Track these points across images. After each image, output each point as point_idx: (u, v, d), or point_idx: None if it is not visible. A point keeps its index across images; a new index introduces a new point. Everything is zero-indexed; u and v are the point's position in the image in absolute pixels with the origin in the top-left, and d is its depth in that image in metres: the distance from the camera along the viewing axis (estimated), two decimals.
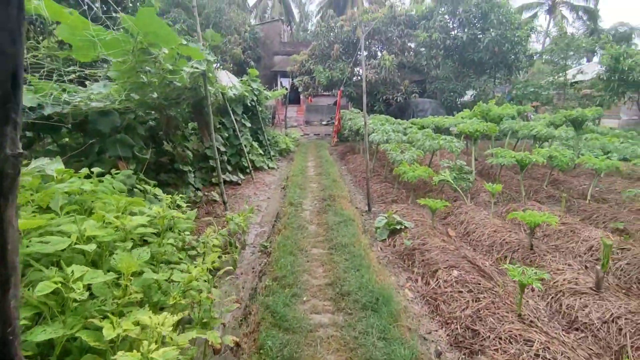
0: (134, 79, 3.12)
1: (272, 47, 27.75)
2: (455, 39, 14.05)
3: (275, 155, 11.00)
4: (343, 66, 14.48)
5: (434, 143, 6.41)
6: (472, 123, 7.89)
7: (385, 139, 7.13)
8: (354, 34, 14.63)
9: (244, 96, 8.66)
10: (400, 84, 14.88)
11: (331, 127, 24.54)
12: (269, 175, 8.71)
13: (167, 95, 4.53)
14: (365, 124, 5.90)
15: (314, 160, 10.08)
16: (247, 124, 8.80)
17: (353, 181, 8.40)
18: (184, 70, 3.78)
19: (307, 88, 16.06)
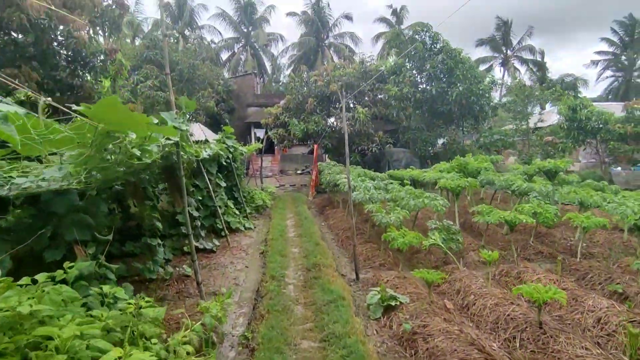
0: (96, 163, 2.72)
1: (245, 99, 28.16)
2: (424, 92, 14.66)
3: (252, 212, 10.53)
4: (318, 119, 14.63)
5: (419, 202, 6.22)
6: (453, 178, 7.88)
7: (368, 197, 6.90)
8: (327, 88, 14.98)
9: (219, 155, 8.33)
10: (374, 135, 15.13)
11: (306, 176, 24.46)
12: (246, 237, 8.19)
13: (135, 168, 4.11)
14: (350, 188, 5.64)
15: (293, 217, 9.68)
16: (222, 183, 8.40)
17: (335, 240, 8.02)
18: (156, 146, 3.43)
19: (282, 140, 16.02)
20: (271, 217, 9.98)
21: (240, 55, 36.84)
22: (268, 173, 24.81)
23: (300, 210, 10.42)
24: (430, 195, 6.58)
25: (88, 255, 3.77)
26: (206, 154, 7.20)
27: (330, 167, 12.79)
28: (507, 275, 5.31)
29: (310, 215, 9.72)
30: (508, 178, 7.62)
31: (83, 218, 3.78)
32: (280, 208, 10.93)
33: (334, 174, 9.96)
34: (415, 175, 9.67)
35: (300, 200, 12.48)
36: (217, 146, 8.42)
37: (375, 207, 6.22)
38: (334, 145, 15.75)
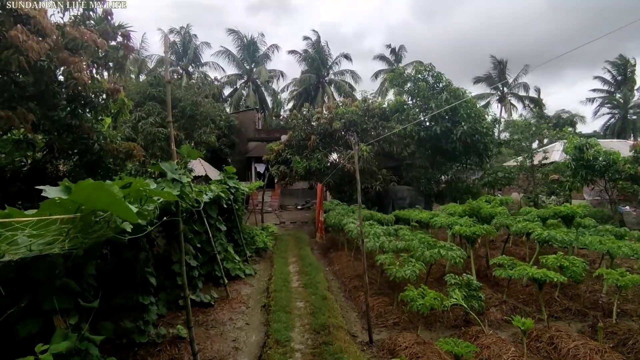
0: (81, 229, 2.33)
1: (246, 133, 28.23)
2: (427, 131, 14.55)
3: (252, 255, 10.01)
4: (321, 156, 14.40)
5: (434, 253, 5.78)
6: (467, 223, 7.47)
7: (379, 246, 6.45)
8: (330, 125, 14.87)
9: (220, 197, 7.96)
10: (378, 172, 14.86)
11: (307, 212, 24.00)
12: (246, 285, 7.63)
13: None
14: (363, 242, 5.22)
15: (296, 262, 9.15)
16: (222, 227, 7.96)
17: (342, 289, 7.47)
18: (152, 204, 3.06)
19: (283, 177, 15.72)
20: (273, 262, 9.44)
21: (243, 90, 37.45)
22: (268, 208, 24.34)
23: (304, 253, 9.89)
24: (446, 245, 6.14)
25: (69, 326, 3.28)
26: (207, 197, 6.82)
27: (334, 207, 12.39)
28: (537, 339, 4.78)
29: (314, 260, 9.19)
30: (526, 225, 7.21)
31: (66, 283, 3.33)
32: (282, 251, 10.40)
33: (339, 217, 9.54)
34: (425, 219, 9.23)
35: (302, 242, 11.96)
36: (218, 188, 8.07)
37: (387, 258, 5.77)
38: (336, 183, 15.43)
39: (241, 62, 36.99)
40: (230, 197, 8.91)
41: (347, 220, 8.27)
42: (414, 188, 15.73)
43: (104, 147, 8.06)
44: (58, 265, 3.31)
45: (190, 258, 6.28)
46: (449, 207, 9.90)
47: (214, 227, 7.81)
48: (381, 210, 15.18)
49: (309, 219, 18.67)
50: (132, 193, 2.39)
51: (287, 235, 13.61)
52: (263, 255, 10.45)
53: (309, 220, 18.17)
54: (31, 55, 5.05)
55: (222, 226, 7.92)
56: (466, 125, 13.69)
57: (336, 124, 14.56)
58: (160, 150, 14.50)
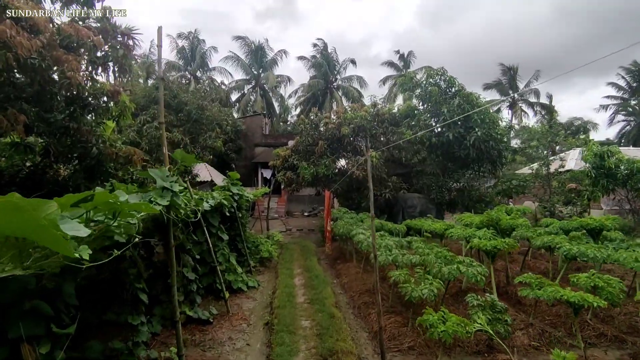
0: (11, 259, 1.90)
1: (253, 138, 27.97)
2: (439, 137, 14.04)
3: (256, 265, 9.56)
4: (328, 162, 13.96)
5: (453, 269, 5.26)
6: (485, 235, 6.93)
7: (391, 260, 5.95)
8: (338, 130, 14.44)
9: (222, 205, 7.54)
10: (387, 179, 14.36)
11: (314, 218, 23.52)
12: (249, 299, 7.17)
13: None
14: (375, 257, 4.74)
15: (302, 274, 8.67)
16: (224, 236, 7.53)
17: (350, 305, 6.96)
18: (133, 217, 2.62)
19: (290, 183, 15.29)
20: (277, 273, 8.97)
21: (250, 95, 37.29)
22: (274, 215, 23.96)
23: (310, 264, 9.41)
24: (465, 260, 5.62)
25: (39, 356, 2.85)
26: (208, 205, 6.41)
27: (342, 215, 11.91)
28: None
29: (321, 272, 8.70)
30: (552, 239, 6.65)
31: (38, 306, 2.90)
32: (287, 261, 9.93)
33: (348, 226, 9.05)
34: (439, 230, 8.69)
35: (309, 251, 11.48)
36: (221, 195, 7.66)
37: (401, 275, 5.26)
38: (344, 190, 14.96)
39: (249, 68, 36.89)
40: (234, 204, 8.50)
41: (356, 231, 7.78)
42: (424, 196, 15.19)
43: (102, 151, 7.70)
44: (29, 284, 2.90)
45: (188, 271, 5.85)
46: (464, 217, 9.35)
47: (215, 237, 7.39)
48: (390, 218, 14.67)
49: (316, 227, 18.19)
50: (101, 207, 1.96)
51: (293, 244, 13.14)
52: (268, 265, 9.99)
53: (316, 228, 17.70)
54: (20, 52, 4.71)
55: (224, 235, 7.49)
56: (480, 130, 13.16)
57: (345, 129, 14.12)
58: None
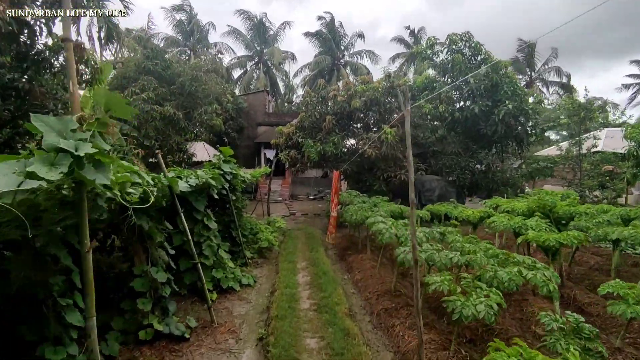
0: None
1: (255, 117, 26.39)
2: (463, 111, 12.37)
3: (253, 256, 8.20)
4: (337, 140, 12.41)
5: (514, 274, 3.81)
6: (539, 225, 5.44)
7: (425, 259, 4.50)
8: (348, 104, 12.83)
9: (210, 186, 6.11)
10: (403, 159, 12.80)
11: (319, 202, 22.10)
12: (241, 301, 5.81)
13: None
14: (416, 262, 3.31)
15: (307, 269, 7.29)
16: (212, 224, 6.12)
17: (368, 312, 5.58)
18: None
19: (294, 163, 13.81)
20: (278, 266, 7.62)
21: (253, 73, 35.45)
22: (278, 197, 22.60)
23: (316, 257, 8.03)
24: (528, 262, 4.16)
25: None
26: (186, 185, 4.97)
27: (353, 199, 10.46)
28: None
29: (329, 267, 7.32)
30: (622, 232, 5.15)
31: None
32: (290, 252, 8.56)
33: (362, 212, 7.60)
34: (472, 217, 7.20)
35: (314, 239, 10.10)
36: (208, 173, 6.22)
37: (444, 282, 3.83)
38: (354, 171, 13.45)
39: (251, 43, 34.91)
40: (225, 185, 7.07)
41: (374, 218, 6.32)
42: (443, 178, 13.65)
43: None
44: None
45: (158, 271, 4.46)
46: (501, 203, 7.84)
47: (200, 225, 6.00)
48: (405, 203, 13.19)
49: (322, 211, 16.82)
50: None
51: (297, 231, 11.77)
52: (267, 255, 8.64)
53: (322, 212, 16.33)
54: None
55: (211, 223, 6.08)
56: (511, 104, 11.48)
57: (356, 103, 12.51)
58: (154, 131, 12.74)
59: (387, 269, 7.44)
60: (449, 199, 12.87)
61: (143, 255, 4.63)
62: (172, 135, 13.58)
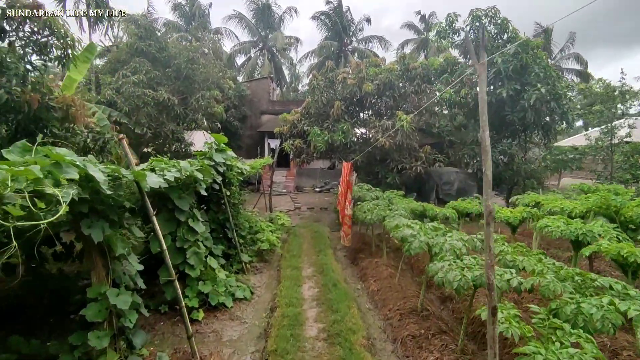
0: None
1: (259, 105, 25.22)
2: (488, 96, 11.07)
3: (252, 260, 7.14)
4: (346, 127, 11.24)
5: (610, 312, 2.68)
6: (607, 232, 4.28)
7: (471, 280, 3.38)
8: (359, 88, 11.61)
9: (196, 180, 5.01)
10: (418, 150, 11.63)
11: (326, 195, 20.95)
12: (233, 321, 4.76)
13: None
14: (492, 288, 2.18)
15: (314, 277, 6.21)
16: (199, 227, 5.03)
17: (389, 336, 4.49)
18: None
19: (299, 154, 12.68)
20: (280, 273, 6.56)
21: (257, 60, 34.13)
22: (282, 190, 21.56)
23: (324, 261, 6.96)
24: (617, 288, 3.03)
25: None
26: (158, 180, 3.87)
27: (365, 193, 9.33)
28: None
29: (339, 275, 6.25)
30: None
31: None
32: (295, 255, 7.49)
33: (379, 211, 6.48)
34: (512, 219, 5.99)
35: (322, 239, 9.03)
36: (194, 164, 5.12)
37: (510, 319, 2.71)
38: (364, 162, 12.29)
39: (255, 28, 33.49)
40: (218, 178, 5.98)
41: (396, 220, 5.18)
42: (462, 170, 12.45)
43: (15, 98, 5.17)
44: None
45: (120, 293, 3.40)
46: (546, 200, 6.64)
47: (184, 228, 4.92)
48: (421, 197, 12.07)
49: (329, 205, 15.73)
50: None
51: (302, 228, 10.70)
52: (269, 258, 7.58)
53: (329, 206, 15.24)
54: None
55: (197, 225, 5.00)
56: (543, 87, 10.17)
57: (368, 86, 11.29)
58: (147, 118, 11.65)
59: (408, 276, 6.35)
60: (470, 194, 11.71)
61: (103, 270, 3.57)
62: (166, 122, 12.49)
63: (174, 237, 4.82)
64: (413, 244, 4.27)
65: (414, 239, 4.35)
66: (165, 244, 4.71)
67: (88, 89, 13.41)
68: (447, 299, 5.48)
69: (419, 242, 4.23)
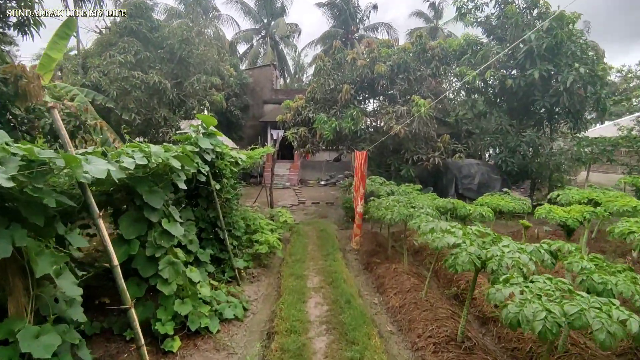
0: None
1: (262, 94, 24.03)
2: (516, 78, 9.83)
3: (248, 265, 6.05)
4: (356, 114, 10.07)
5: None
6: None
7: (546, 319, 2.24)
8: (370, 70, 10.42)
9: (172, 170, 3.90)
10: (436, 139, 10.46)
11: (331, 188, 19.79)
12: (219, 353, 3.67)
13: None
14: None
15: (321, 290, 5.12)
16: (176, 230, 3.92)
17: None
18: None
19: (303, 143, 11.54)
20: (281, 282, 5.47)
21: (260, 48, 32.83)
22: (285, 183, 20.49)
23: (333, 267, 5.86)
24: None
25: None
26: (105, 168, 2.74)
27: (377, 186, 8.21)
28: None
29: (353, 287, 5.15)
30: None
31: None
32: (298, 260, 6.39)
33: (401, 209, 5.34)
34: (571, 221, 4.77)
35: (329, 239, 7.93)
36: (171, 150, 4.01)
37: None
38: (375, 153, 11.14)
39: (257, 15, 32.15)
40: (204, 168, 4.88)
41: (429, 223, 4.04)
42: (484, 163, 11.27)
43: None
44: None
45: (41, 332, 2.31)
46: (608, 198, 5.46)
47: (157, 231, 3.83)
48: (437, 192, 10.92)
49: (335, 199, 14.63)
50: None
51: (307, 225, 9.61)
52: (268, 263, 6.49)
53: (335, 201, 14.14)
54: None
55: (173, 229, 3.89)
56: (582, 67, 8.93)
57: (380, 68, 10.09)
58: (135, 102, 10.53)
59: (434, 287, 5.26)
60: (493, 188, 10.55)
61: (23, 297, 2.49)
62: (158, 108, 11.37)
63: (142, 242, 3.74)
64: (460, 258, 3.15)
65: (460, 251, 3.23)
66: (132, 251, 3.64)
67: (74, 72, 12.31)
68: (489, 320, 4.37)
69: (467, 256, 3.12)
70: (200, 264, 5.00)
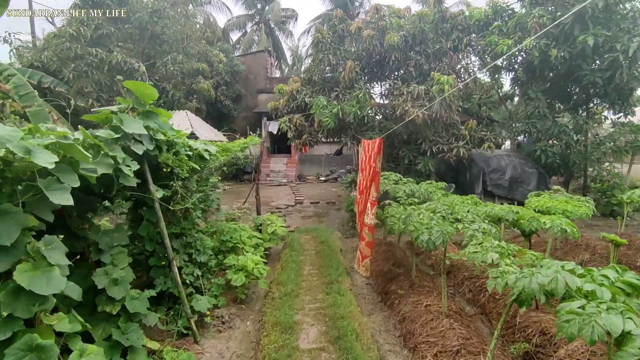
0: None
1: (255, 83, 22.10)
2: (560, 48, 7.91)
3: (217, 301, 4.22)
4: (362, 95, 8.21)
5: None
6: None
7: None
8: (380, 42, 8.54)
9: (50, 173, 2.07)
10: (460, 126, 8.62)
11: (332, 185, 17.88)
12: None
13: None
14: None
15: (320, 355, 3.29)
16: (50, 283, 2.09)
17: None
18: None
19: (299, 134, 9.69)
20: (261, 336, 3.66)
21: (254, 35, 30.81)
22: (282, 179, 18.68)
23: (338, 306, 4.06)
24: None
25: None
26: None
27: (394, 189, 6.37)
28: None
29: (371, 349, 3.32)
30: None
31: None
32: (290, 293, 4.56)
33: (442, 225, 3.51)
34: None
35: (331, 256, 6.11)
36: (48, 134, 2.16)
37: None
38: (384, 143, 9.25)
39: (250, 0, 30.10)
40: (131, 166, 3.04)
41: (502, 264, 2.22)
42: (518, 154, 9.43)
43: None
44: None
45: None
46: None
47: (5, 288, 1.99)
48: (459, 190, 9.12)
49: (336, 198, 12.83)
50: None
51: (303, 234, 7.80)
52: (246, 297, 4.66)
53: (337, 200, 12.34)
54: None
55: (40, 281, 2.06)
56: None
57: (392, 38, 8.21)
58: (95, 86, 8.69)
59: (485, 331, 3.43)
60: (527, 184, 8.73)
61: None
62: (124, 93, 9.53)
63: None
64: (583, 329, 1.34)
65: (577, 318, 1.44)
66: None
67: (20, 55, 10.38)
68: None
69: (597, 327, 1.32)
70: (134, 316, 3.20)
